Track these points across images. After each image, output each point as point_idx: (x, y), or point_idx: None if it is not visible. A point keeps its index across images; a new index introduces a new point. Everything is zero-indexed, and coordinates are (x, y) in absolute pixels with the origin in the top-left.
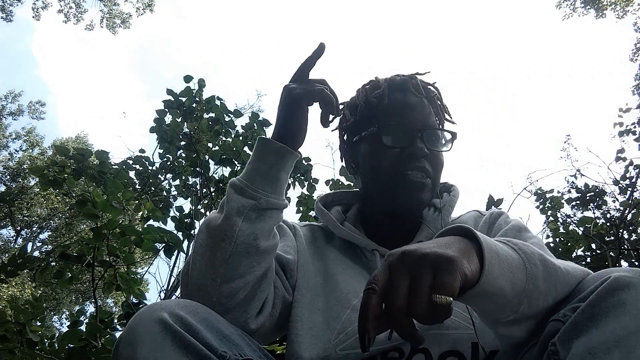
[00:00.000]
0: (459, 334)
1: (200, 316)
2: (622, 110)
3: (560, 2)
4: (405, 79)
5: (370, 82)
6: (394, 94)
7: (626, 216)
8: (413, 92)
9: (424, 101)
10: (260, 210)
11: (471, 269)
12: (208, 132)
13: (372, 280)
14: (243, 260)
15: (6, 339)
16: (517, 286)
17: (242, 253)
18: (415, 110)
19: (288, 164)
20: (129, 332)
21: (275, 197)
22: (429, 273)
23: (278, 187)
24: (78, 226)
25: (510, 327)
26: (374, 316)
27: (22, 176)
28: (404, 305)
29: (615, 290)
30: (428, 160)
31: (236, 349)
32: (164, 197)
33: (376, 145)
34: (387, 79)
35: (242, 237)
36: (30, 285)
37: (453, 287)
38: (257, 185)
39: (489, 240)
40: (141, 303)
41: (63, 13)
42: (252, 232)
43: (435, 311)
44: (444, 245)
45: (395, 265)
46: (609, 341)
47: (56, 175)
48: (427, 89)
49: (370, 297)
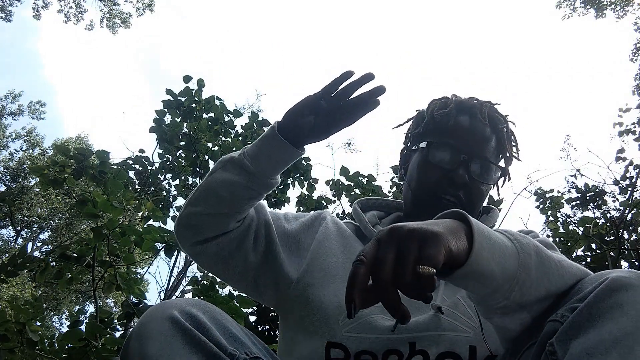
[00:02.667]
0: (456, 336)
1: (210, 314)
2: (622, 110)
3: (560, 2)
4: (474, 104)
5: (442, 98)
6: (460, 116)
7: (626, 216)
8: (479, 118)
9: (487, 130)
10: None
11: (457, 246)
12: (208, 132)
13: (360, 253)
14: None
15: (6, 338)
16: (507, 271)
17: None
18: (474, 136)
19: (290, 161)
20: (140, 328)
21: (272, 179)
22: (415, 246)
23: (276, 170)
24: (78, 226)
25: (503, 317)
26: (360, 286)
27: (22, 176)
28: (390, 276)
29: (613, 291)
30: (466, 189)
31: (243, 347)
32: (163, 196)
33: (424, 159)
34: (457, 99)
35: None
36: (30, 285)
37: (437, 259)
38: (258, 167)
39: (481, 225)
40: (141, 303)
41: (63, 13)
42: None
43: (419, 282)
44: (433, 224)
45: (384, 239)
46: (606, 342)
47: (56, 175)
48: (495, 118)
49: (357, 268)
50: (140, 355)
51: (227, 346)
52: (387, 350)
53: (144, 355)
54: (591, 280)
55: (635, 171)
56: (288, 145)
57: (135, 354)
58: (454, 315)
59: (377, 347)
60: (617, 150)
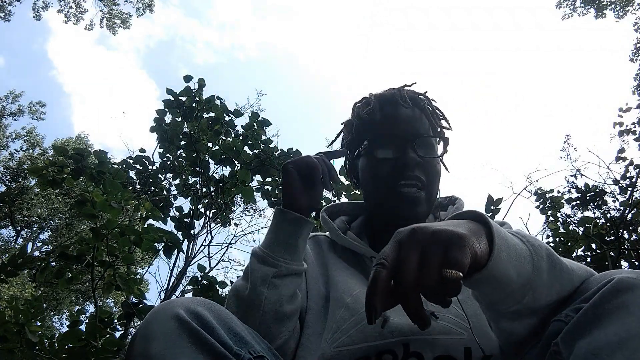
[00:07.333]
0: (450, 339)
1: (215, 313)
2: (622, 110)
3: (560, 2)
4: (394, 92)
5: (362, 99)
6: (384, 108)
7: (626, 216)
8: (402, 103)
9: (415, 111)
10: (282, 277)
11: (481, 249)
12: (208, 131)
13: (381, 255)
14: (271, 327)
15: (6, 339)
16: (523, 276)
17: (271, 320)
18: (406, 121)
19: (304, 232)
20: (145, 327)
21: (294, 264)
22: (440, 248)
23: (296, 254)
24: (78, 226)
25: (512, 322)
26: (382, 291)
27: (22, 176)
28: (414, 279)
29: (619, 292)
30: (422, 169)
31: (247, 347)
32: (164, 196)
33: (371, 158)
34: (377, 94)
35: (269, 305)
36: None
37: (463, 262)
38: (277, 254)
39: (499, 227)
40: (141, 303)
41: (63, 13)
42: (277, 299)
43: (445, 286)
44: (455, 225)
45: (406, 241)
46: (612, 343)
47: (55, 176)
48: (416, 99)
49: (379, 272)
50: (145, 354)
51: (233, 346)
52: (380, 351)
53: (149, 355)
54: (596, 281)
55: (635, 171)
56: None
57: (140, 353)
58: (447, 318)
59: (370, 353)
60: (617, 150)
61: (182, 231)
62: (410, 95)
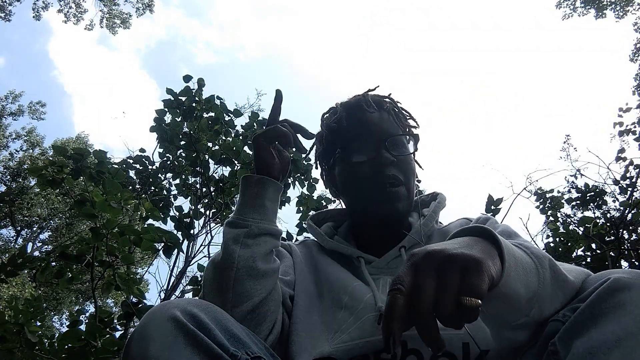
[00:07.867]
0: (448, 335)
1: (211, 314)
2: (622, 110)
3: (560, 2)
4: (359, 98)
5: (329, 110)
6: (352, 114)
7: (626, 216)
8: (367, 108)
9: (382, 114)
10: (254, 236)
11: (496, 271)
12: (208, 131)
13: (396, 280)
14: (246, 284)
15: (5, 339)
16: (530, 289)
17: (244, 277)
18: (374, 123)
19: (269, 192)
20: (141, 329)
21: (265, 223)
22: (457, 274)
23: (265, 214)
24: (78, 226)
25: (516, 332)
26: (400, 317)
27: (22, 176)
28: (432, 305)
29: (615, 291)
30: (397, 167)
31: (244, 347)
32: (164, 196)
33: (346, 164)
34: (343, 102)
35: (242, 262)
36: (30, 285)
37: (482, 289)
38: (246, 215)
39: (506, 242)
40: (141, 303)
41: (63, 13)
42: (250, 255)
43: (462, 313)
44: (468, 246)
45: (421, 265)
46: (609, 342)
47: (55, 175)
48: (381, 102)
49: (396, 298)
50: (142, 356)
51: (229, 347)
52: (378, 350)
53: (146, 357)
54: (593, 281)
55: (636, 171)
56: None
57: (136, 354)
58: None
59: (368, 350)
60: (617, 150)
61: (182, 231)
62: (374, 99)
